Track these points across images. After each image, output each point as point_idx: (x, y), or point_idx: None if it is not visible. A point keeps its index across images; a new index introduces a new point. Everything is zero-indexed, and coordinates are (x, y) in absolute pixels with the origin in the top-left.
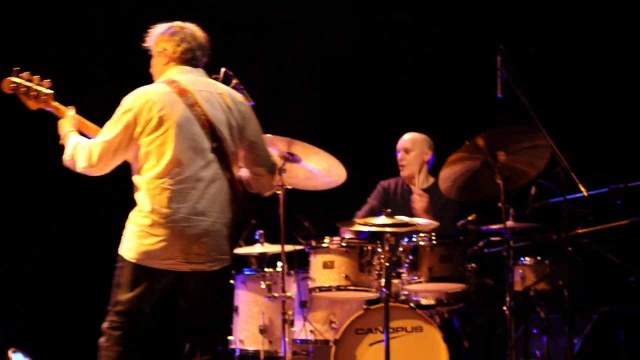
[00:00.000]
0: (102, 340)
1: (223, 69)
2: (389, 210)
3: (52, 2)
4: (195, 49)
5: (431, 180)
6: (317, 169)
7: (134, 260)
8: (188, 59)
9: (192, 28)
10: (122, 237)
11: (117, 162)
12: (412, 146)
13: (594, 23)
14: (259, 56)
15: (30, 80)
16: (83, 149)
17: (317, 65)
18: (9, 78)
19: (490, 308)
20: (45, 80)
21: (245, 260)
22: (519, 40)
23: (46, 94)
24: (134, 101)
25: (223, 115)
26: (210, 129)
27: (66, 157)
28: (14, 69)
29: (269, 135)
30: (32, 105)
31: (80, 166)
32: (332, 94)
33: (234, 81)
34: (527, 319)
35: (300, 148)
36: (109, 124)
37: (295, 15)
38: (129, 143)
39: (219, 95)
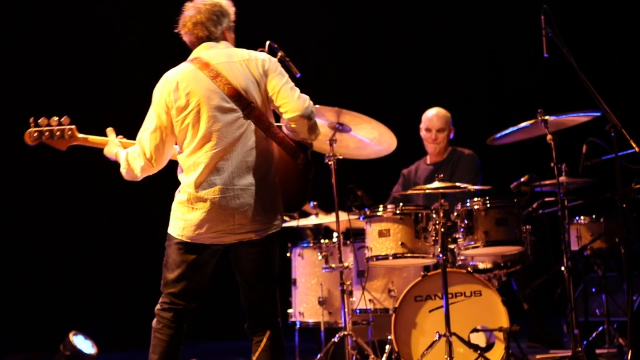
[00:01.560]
0: (154, 322)
1: (268, 42)
2: (442, 175)
3: None
4: (186, 33)
5: (449, 150)
6: (368, 137)
7: (179, 237)
8: (205, 36)
9: (197, 4)
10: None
11: (168, 149)
12: (444, 125)
13: None
14: (305, 28)
15: (49, 124)
16: (134, 152)
17: (364, 34)
18: (29, 130)
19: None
20: (63, 118)
21: (300, 232)
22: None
23: (70, 130)
24: (161, 87)
25: (248, 80)
26: (237, 96)
27: (122, 170)
28: (30, 119)
29: (317, 106)
30: (62, 145)
31: (139, 167)
32: (382, 62)
33: (280, 53)
34: (585, 278)
35: (350, 117)
36: (147, 117)
37: None
38: (170, 127)
39: (242, 62)
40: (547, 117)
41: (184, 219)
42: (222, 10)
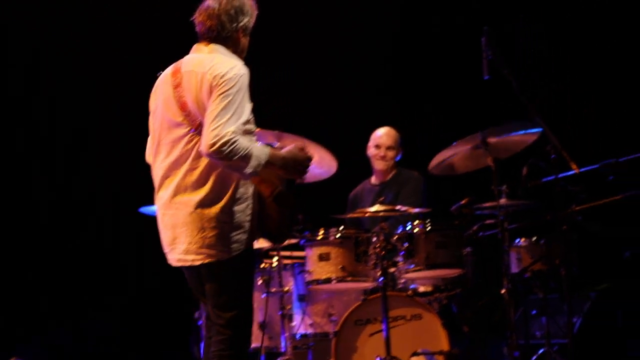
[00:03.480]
0: None
1: None
2: (383, 198)
3: None
4: (198, 23)
5: (395, 170)
6: None
7: None
8: (217, 31)
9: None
10: None
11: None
12: (394, 144)
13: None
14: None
15: None
16: None
17: (304, 57)
18: None
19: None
20: None
21: None
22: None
23: None
24: None
25: (197, 95)
26: (187, 111)
27: None
28: None
29: (257, 129)
30: None
31: None
32: (323, 86)
33: None
34: (526, 300)
35: (290, 141)
36: None
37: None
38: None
39: (200, 75)
40: (489, 140)
41: None
42: (243, 7)
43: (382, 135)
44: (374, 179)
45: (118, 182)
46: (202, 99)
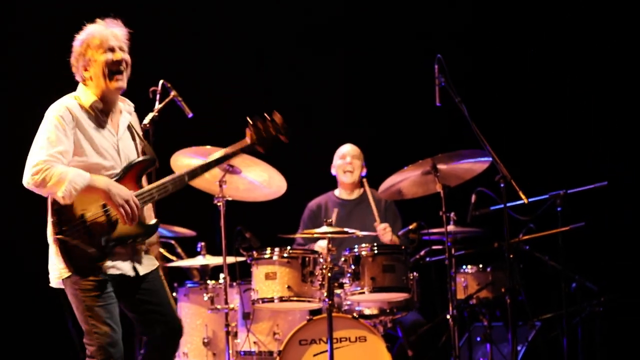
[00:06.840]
0: None
1: (161, 81)
2: (330, 220)
3: None
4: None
5: (361, 190)
6: (258, 180)
7: None
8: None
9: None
10: None
11: None
12: (358, 155)
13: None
14: (196, 67)
15: None
16: None
17: (253, 75)
18: None
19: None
20: None
21: (187, 272)
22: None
23: None
24: None
25: None
26: None
27: None
28: None
29: (208, 147)
30: None
31: None
32: (271, 105)
33: (173, 93)
34: (471, 327)
35: (240, 159)
36: None
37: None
38: None
39: None
40: (439, 166)
41: None
42: (79, 48)
43: (347, 147)
44: (339, 193)
45: None
46: None
